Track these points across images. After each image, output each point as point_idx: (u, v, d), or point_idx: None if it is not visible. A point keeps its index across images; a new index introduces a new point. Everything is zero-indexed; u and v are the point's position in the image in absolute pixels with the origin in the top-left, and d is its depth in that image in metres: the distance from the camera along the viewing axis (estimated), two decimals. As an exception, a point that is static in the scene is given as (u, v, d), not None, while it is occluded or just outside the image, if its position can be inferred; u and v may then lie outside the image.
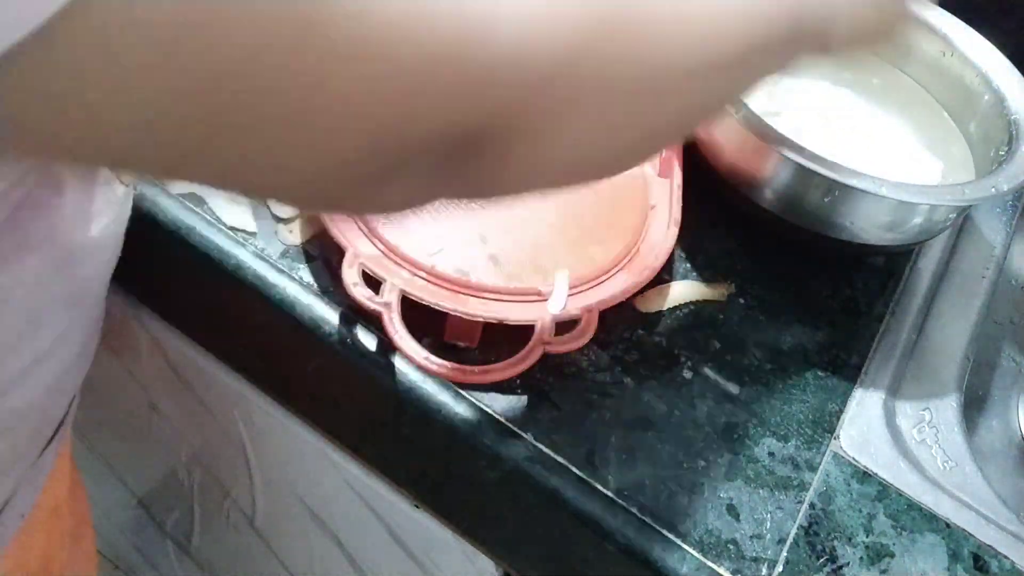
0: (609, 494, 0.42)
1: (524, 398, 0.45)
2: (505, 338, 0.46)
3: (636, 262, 0.49)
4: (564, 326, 0.45)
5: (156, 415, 0.74)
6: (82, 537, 0.51)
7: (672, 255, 0.51)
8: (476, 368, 0.44)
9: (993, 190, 0.48)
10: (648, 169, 0.55)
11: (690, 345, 0.49)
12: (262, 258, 0.48)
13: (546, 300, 0.46)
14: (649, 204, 0.53)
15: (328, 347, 0.46)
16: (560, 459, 0.43)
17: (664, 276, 0.52)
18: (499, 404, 0.44)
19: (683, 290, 0.52)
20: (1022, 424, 0.59)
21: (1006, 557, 0.44)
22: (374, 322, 0.45)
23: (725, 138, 0.53)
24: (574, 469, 0.43)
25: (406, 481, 0.53)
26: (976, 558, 0.44)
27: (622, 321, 0.49)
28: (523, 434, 0.44)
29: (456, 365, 0.44)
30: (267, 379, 0.58)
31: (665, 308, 0.51)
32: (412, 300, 0.44)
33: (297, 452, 0.60)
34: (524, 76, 0.22)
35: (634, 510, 0.42)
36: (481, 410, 0.44)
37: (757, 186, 0.52)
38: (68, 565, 0.48)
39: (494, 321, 0.45)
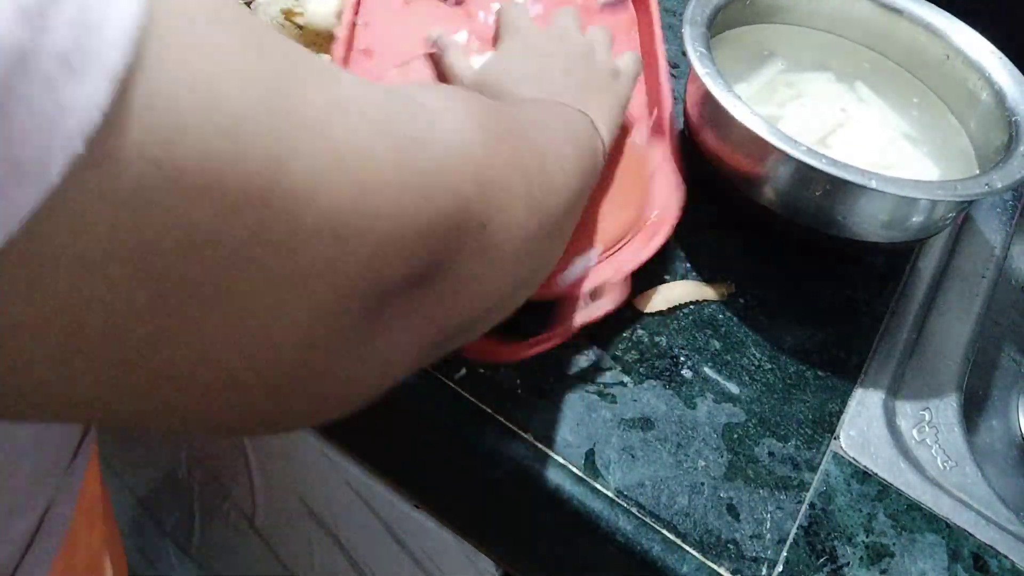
0: (609, 494, 0.42)
1: (524, 398, 0.45)
2: (532, 316, 0.45)
3: (650, 228, 0.50)
4: (595, 296, 0.46)
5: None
6: (114, 542, 0.51)
7: (672, 255, 0.51)
8: (521, 342, 0.43)
9: (987, 187, 0.48)
10: (636, 139, 0.56)
11: (690, 345, 0.49)
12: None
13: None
14: (649, 170, 0.53)
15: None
16: (560, 459, 0.43)
17: (664, 276, 0.52)
18: (499, 404, 0.44)
19: (683, 290, 0.52)
20: (1022, 424, 0.59)
21: (1006, 557, 0.44)
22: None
23: (725, 136, 0.53)
24: (574, 469, 0.43)
25: (406, 481, 0.53)
26: (976, 558, 0.44)
27: (622, 321, 0.49)
28: (523, 434, 0.44)
29: (500, 341, 0.43)
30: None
31: (665, 308, 0.51)
32: None
33: (297, 452, 0.60)
34: (471, 182, 0.25)
35: (634, 510, 0.42)
36: (481, 410, 0.44)
37: (757, 184, 0.52)
38: (107, 569, 0.48)
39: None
